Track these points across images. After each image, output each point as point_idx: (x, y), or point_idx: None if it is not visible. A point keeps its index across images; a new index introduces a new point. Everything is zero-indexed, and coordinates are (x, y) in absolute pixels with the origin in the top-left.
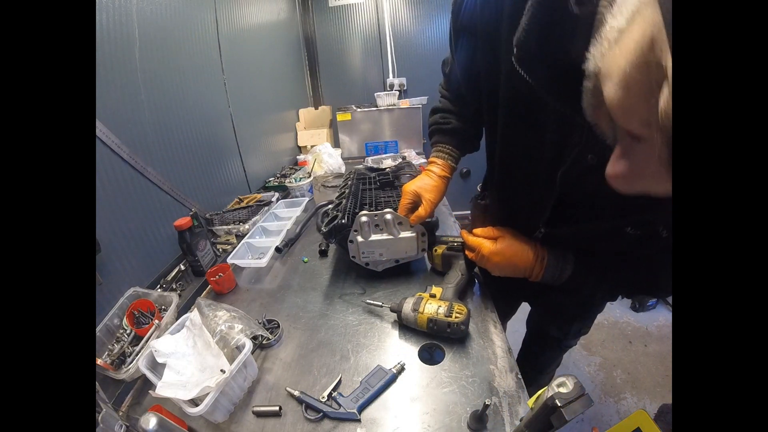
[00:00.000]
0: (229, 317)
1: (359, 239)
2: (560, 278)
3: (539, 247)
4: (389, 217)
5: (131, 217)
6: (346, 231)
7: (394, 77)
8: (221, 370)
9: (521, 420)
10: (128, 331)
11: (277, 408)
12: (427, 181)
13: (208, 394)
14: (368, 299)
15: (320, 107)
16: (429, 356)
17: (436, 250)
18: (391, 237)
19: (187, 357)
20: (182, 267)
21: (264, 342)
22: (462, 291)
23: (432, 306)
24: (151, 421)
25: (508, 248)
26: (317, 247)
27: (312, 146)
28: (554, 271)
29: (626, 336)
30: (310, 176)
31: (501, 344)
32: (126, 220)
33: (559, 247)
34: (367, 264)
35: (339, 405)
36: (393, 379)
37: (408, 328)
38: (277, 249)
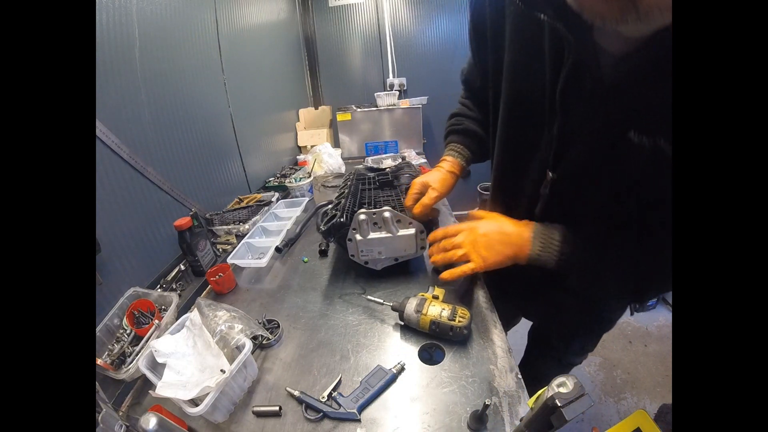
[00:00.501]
0: (229, 317)
1: (358, 237)
2: (551, 246)
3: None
4: (387, 215)
5: (131, 217)
6: (345, 229)
7: (394, 77)
8: (221, 370)
9: (521, 420)
10: (128, 331)
11: (277, 408)
12: (436, 175)
13: (208, 394)
14: (369, 297)
15: (320, 107)
16: (429, 356)
17: None
18: (390, 235)
19: (187, 357)
20: (182, 267)
21: (264, 342)
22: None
23: (435, 308)
24: (151, 421)
25: (495, 218)
26: (317, 247)
27: (312, 146)
28: (544, 239)
29: (626, 336)
30: (310, 176)
31: (501, 344)
32: (126, 220)
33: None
34: (367, 263)
35: (339, 405)
36: (393, 379)
37: (408, 328)
38: (277, 249)
